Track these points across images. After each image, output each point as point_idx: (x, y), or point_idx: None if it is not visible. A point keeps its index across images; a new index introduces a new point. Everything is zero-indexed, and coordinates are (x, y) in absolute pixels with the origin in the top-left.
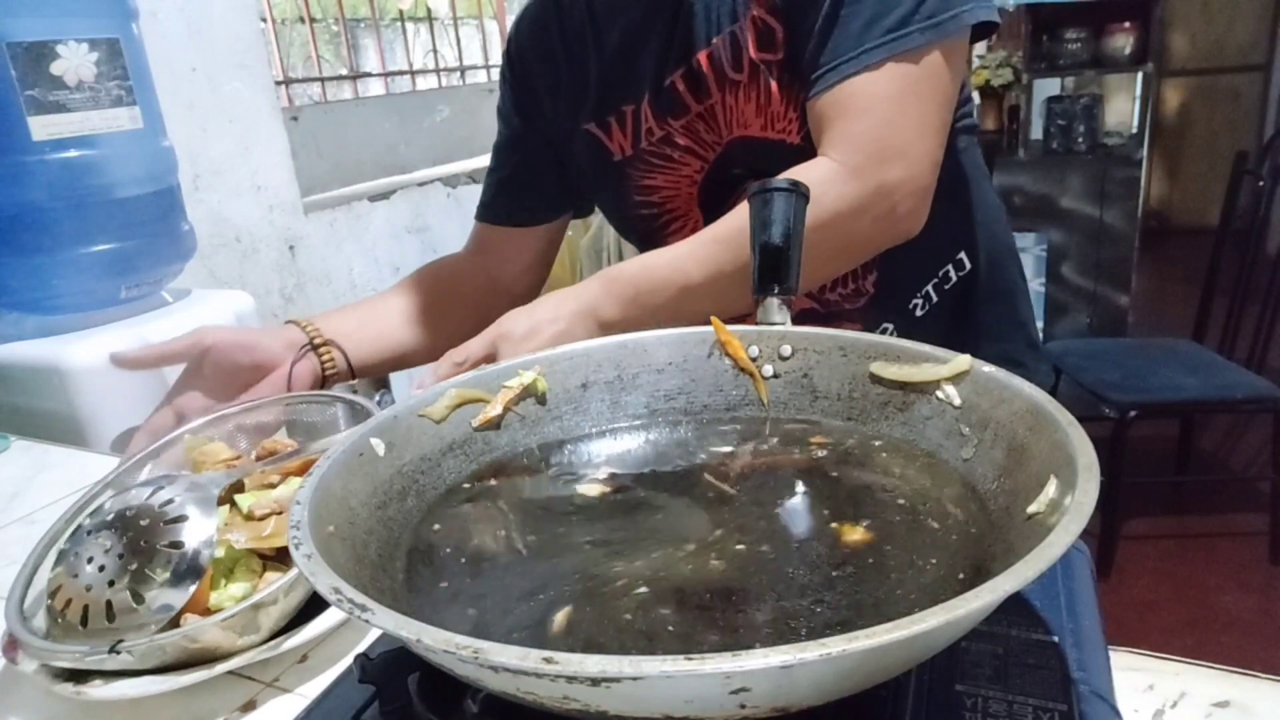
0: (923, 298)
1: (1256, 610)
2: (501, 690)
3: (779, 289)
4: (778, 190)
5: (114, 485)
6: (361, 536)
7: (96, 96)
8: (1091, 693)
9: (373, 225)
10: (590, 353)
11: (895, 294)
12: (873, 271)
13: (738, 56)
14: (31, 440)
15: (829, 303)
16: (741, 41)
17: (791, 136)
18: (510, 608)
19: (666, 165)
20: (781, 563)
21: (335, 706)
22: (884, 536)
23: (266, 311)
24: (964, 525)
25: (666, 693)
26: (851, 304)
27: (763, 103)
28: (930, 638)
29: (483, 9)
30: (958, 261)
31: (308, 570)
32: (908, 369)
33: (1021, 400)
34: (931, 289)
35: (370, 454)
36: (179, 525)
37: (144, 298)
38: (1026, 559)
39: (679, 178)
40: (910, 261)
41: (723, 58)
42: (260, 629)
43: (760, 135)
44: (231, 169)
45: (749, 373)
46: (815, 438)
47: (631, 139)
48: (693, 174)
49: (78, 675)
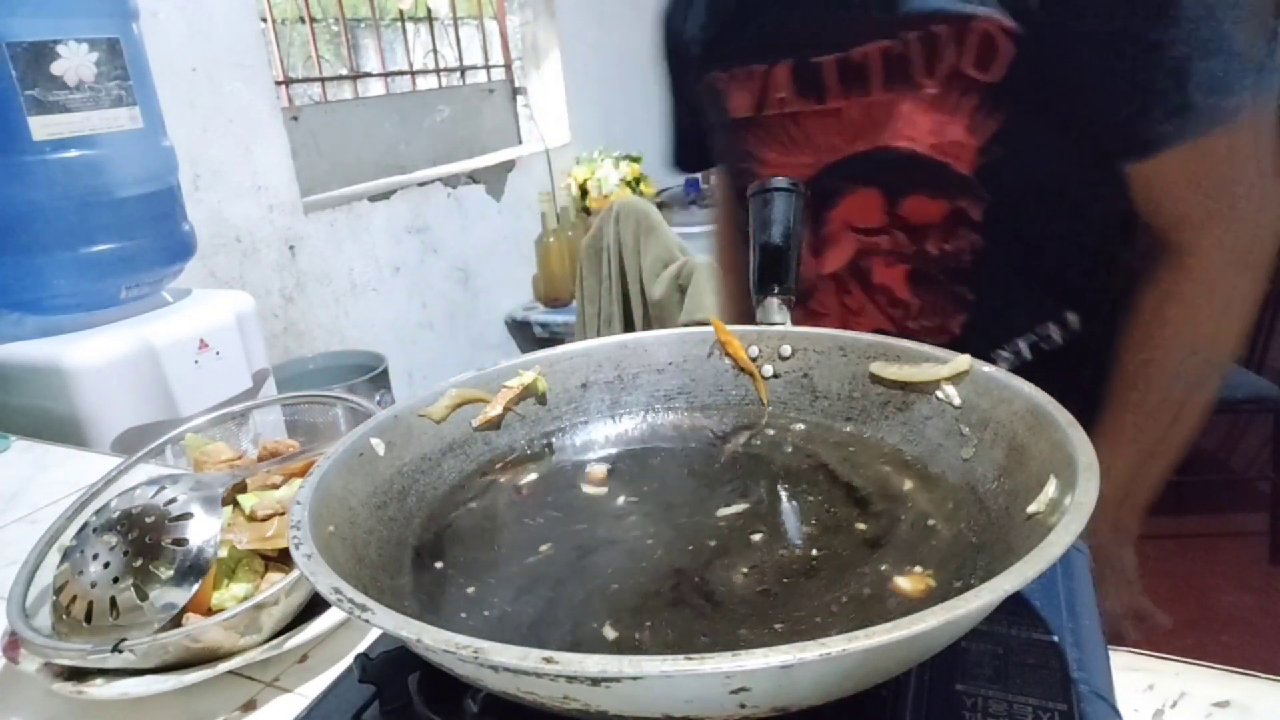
0: (1011, 353)
1: (1256, 610)
2: (502, 690)
3: (779, 289)
4: (778, 190)
5: (114, 484)
6: (361, 536)
7: (96, 96)
8: (1091, 692)
9: (373, 225)
10: (590, 353)
11: (980, 341)
12: (963, 313)
13: (932, 63)
14: (31, 440)
15: (909, 331)
16: (947, 49)
17: (962, 165)
18: (511, 607)
19: (781, 144)
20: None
21: (335, 706)
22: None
23: (266, 311)
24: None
25: (666, 692)
26: (933, 340)
27: (943, 119)
28: (930, 638)
29: (483, 9)
30: (1062, 320)
31: (308, 570)
32: (908, 369)
33: (1021, 400)
34: (1025, 346)
35: (370, 454)
36: (184, 523)
37: (144, 298)
38: (1026, 559)
39: (786, 161)
40: (1006, 310)
41: (914, 57)
42: (261, 629)
43: (925, 154)
44: (231, 169)
45: (749, 373)
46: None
47: (756, 100)
48: (801, 167)
49: (78, 674)
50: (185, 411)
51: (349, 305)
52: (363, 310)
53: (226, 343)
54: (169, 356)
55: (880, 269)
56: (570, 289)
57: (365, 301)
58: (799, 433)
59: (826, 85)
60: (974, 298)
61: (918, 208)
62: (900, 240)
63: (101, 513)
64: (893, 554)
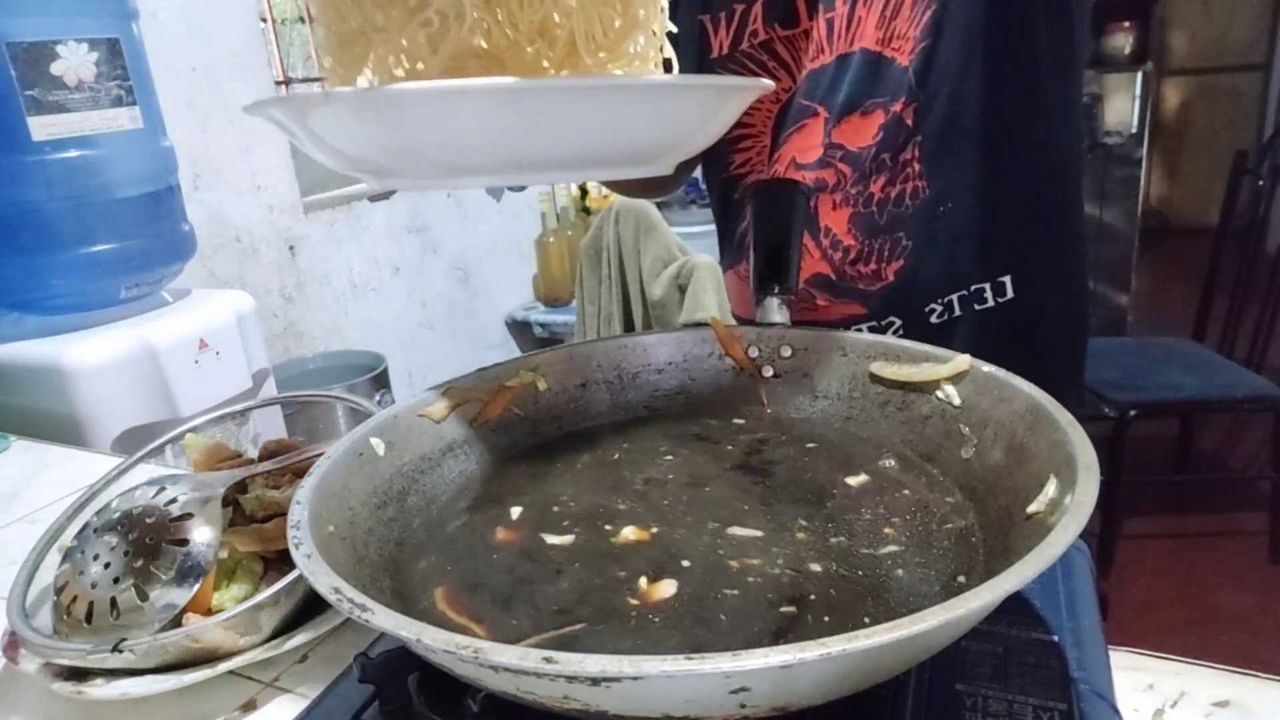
0: (943, 306)
1: (1256, 610)
2: (502, 690)
3: (779, 289)
4: (778, 188)
5: (114, 484)
6: (361, 536)
7: (96, 96)
8: (1091, 692)
9: (373, 225)
10: (590, 353)
11: (914, 291)
12: (899, 259)
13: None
14: (31, 440)
15: (846, 276)
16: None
17: (902, 57)
18: (512, 605)
19: (758, 74)
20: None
21: (335, 706)
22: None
23: (266, 311)
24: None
25: (666, 692)
26: (868, 285)
27: (889, 14)
28: (930, 637)
29: None
30: (998, 285)
31: (308, 570)
32: (907, 369)
33: (1021, 400)
34: (957, 300)
35: (370, 454)
36: (184, 523)
37: (144, 298)
38: (1026, 558)
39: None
40: (942, 263)
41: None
42: (261, 629)
43: (875, 49)
44: (231, 169)
45: (749, 372)
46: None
47: (733, 37)
48: (780, 92)
49: (78, 674)
50: (185, 411)
51: (349, 305)
52: (363, 310)
53: (226, 343)
54: (169, 356)
55: (827, 210)
56: (570, 289)
57: (365, 301)
58: (799, 433)
59: (797, 9)
60: (911, 244)
61: (850, 130)
62: (845, 175)
63: (102, 513)
64: (893, 554)
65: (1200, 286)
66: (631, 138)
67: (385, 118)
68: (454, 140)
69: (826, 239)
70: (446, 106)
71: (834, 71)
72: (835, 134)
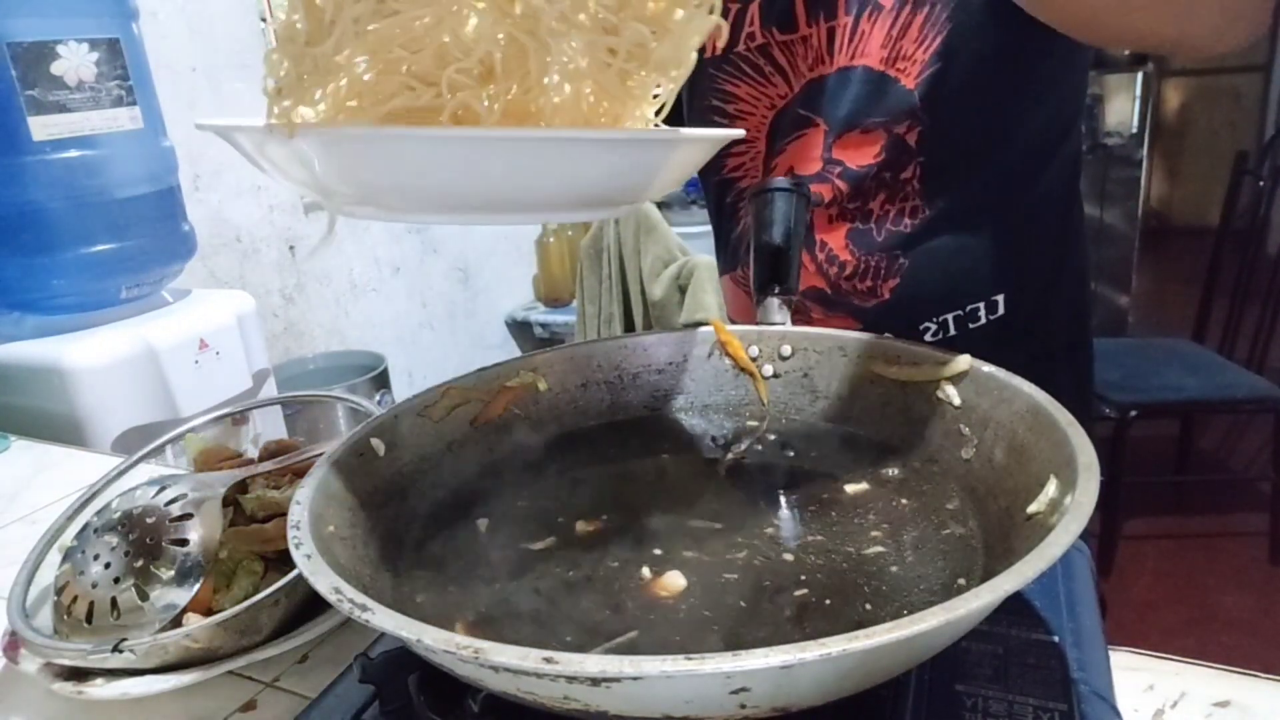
0: (938, 325)
1: (1256, 610)
2: (502, 690)
3: (779, 289)
4: (778, 190)
5: (114, 484)
6: (361, 536)
7: (97, 96)
8: (1091, 693)
9: (373, 225)
10: (590, 353)
11: (910, 310)
12: (895, 278)
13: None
14: (31, 440)
15: (841, 291)
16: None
17: (907, 79)
18: (512, 605)
19: (755, 78)
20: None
21: (335, 706)
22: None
23: (266, 311)
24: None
25: (666, 692)
26: (863, 301)
27: (895, 33)
28: (930, 637)
29: None
30: (991, 303)
31: (308, 570)
32: (908, 369)
33: (1021, 400)
34: (952, 320)
35: (370, 454)
36: (185, 523)
37: (144, 298)
38: (1026, 559)
39: (760, 95)
40: (939, 284)
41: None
42: (261, 630)
43: (879, 68)
44: (231, 169)
45: (749, 373)
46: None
47: (728, 38)
48: (775, 99)
49: (79, 674)
50: (185, 411)
51: (349, 305)
52: (363, 310)
53: (226, 343)
54: (169, 356)
55: (823, 225)
56: (570, 289)
57: (365, 301)
58: (799, 433)
59: (795, 15)
60: (907, 263)
61: (850, 147)
62: (843, 191)
63: (102, 513)
64: (893, 553)
65: (1201, 287)
66: (581, 188)
67: (322, 156)
68: (394, 182)
69: (822, 253)
70: (385, 150)
71: (835, 84)
72: (835, 149)
